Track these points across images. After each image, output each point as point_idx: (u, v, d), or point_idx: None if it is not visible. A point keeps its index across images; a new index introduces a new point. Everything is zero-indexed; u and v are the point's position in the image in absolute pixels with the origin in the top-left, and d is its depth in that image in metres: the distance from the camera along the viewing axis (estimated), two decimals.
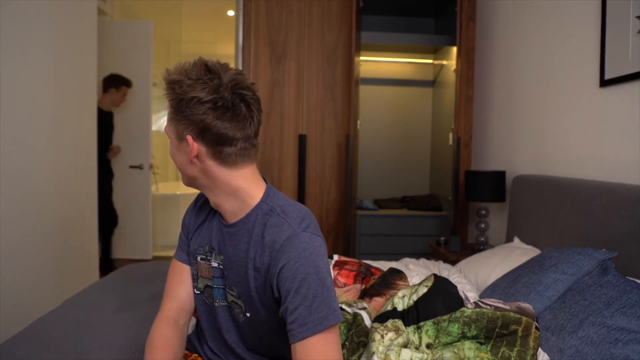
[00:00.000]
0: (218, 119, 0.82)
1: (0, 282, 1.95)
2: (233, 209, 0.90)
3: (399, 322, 1.14)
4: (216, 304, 0.98)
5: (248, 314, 0.93)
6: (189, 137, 0.84)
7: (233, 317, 0.97)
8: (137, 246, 3.98)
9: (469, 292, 1.69)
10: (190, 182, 0.92)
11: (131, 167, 3.94)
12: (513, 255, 1.84)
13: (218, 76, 0.82)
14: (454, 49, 2.88)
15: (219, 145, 0.85)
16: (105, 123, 3.59)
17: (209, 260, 0.98)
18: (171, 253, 4.58)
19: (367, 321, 1.23)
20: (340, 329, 1.20)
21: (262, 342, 0.97)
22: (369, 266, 1.69)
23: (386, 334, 1.09)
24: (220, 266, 0.96)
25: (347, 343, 1.14)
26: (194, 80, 0.81)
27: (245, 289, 0.91)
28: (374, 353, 1.05)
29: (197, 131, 0.83)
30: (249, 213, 0.90)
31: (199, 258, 1.00)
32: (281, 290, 0.82)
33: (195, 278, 1.02)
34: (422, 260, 2.20)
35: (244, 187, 0.89)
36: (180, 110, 0.83)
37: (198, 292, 1.01)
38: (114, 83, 3.67)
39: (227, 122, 0.83)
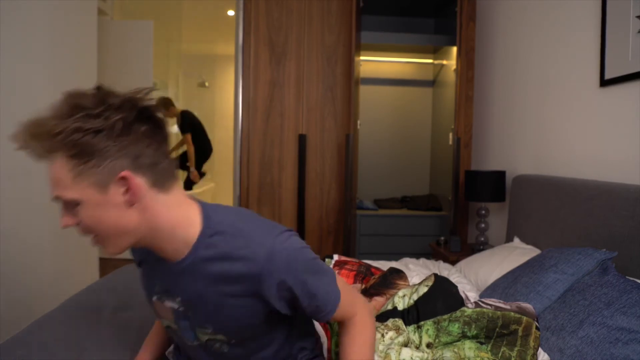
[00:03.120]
0: (137, 141, 0.69)
1: (0, 282, 1.94)
2: (177, 247, 0.76)
3: (399, 322, 1.14)
4: (188, 344, 0.88)
5: (234, 341, 0.85)
6: (126, 173, 0.69)
7: (214, 352, 0.87)
8: None
9: (469, 292, 1.69)
10: (128, 241, 0.74)
11: None
12: (513, 255, 1.84)
13: (108, 100, 0.68)
14: (454, 49, 2.88)
15: (155, 167, 0.72)
16: None
17: (165, 301, 0.85)
18: None
19: None
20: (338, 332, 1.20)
21: (253, 353, 0.90)
22: (369, 266, 1.69)
23: (386, 332, 1.09)
24: (181, 308, 0.83)
25: None
26: (93, 115, 0.66)
27: (224, 321, 0.81)
28: (374, 352, 1.05)
29: (131, 161, 0.69)
30: (196, 245, 0.76)
31: (154, 298, 0.87)
32: (284, 302, 0.79)
33: (157, 315, 0.91)
34: (422, 260, 2.20)
35: (183, 214, 0.76)
36: (92, 153, 0.66)
37: (166, 327, 0.91)
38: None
39: (146, 140, 0.70)
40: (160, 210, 0.73)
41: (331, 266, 1.66)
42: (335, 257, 1.74)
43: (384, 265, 2.00)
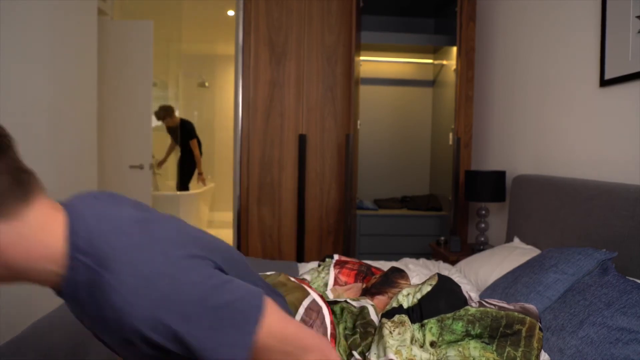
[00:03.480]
0: None
1: None
2: (46, 279, 0.63)
3: (404, 317, 1.16)
4: None
5: None
6: None
7: None
8: None
9: (470, 292, 1.69)
10: None
11: (131, 167, 3.94)
12: (513, 255, 1.84)
13: None
14: (454, 49, 2.88)
15: None
16: None
17: None
18: None
19: (373, 315, 1.25)
20: (346, 322, 1.24)
21: None
22: (370, 266, 1.69)
23: (394, 329, 1.11)
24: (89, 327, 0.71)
25: (358, 329, 1.18)
26: None
27: (132, 355, 0.66)
28: (386, 348, 1.07)
29: None
30: (67, 276, 0.61)
31: None
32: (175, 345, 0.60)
33: None
34: (422, 260, 2.20)
35: (43, 240, 0.60)
36: None
37: None
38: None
39: None
40: (11, 243, 0.57)
41: (332, 266, 1.66)
42: (336, 256, 1.74)
43: (384, 265, 2.00)
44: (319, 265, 1.75)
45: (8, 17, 1.98)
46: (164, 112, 4.75)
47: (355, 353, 1.14)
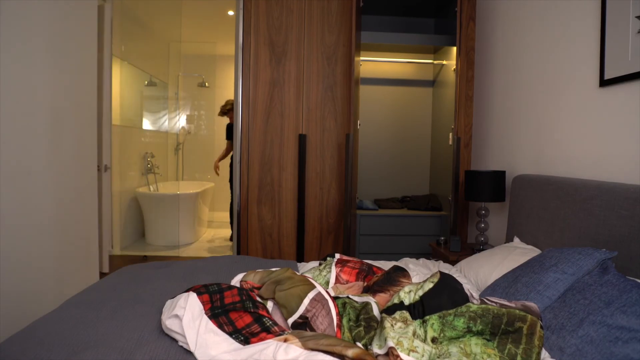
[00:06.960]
0: None
1: (0, 282, 1.95)
2: None
3: (406, 314, 1.16)
4: None
5: None
6: None
7: None
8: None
9: (471, 291, 1.70)
10: None
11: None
12: (513, 255, 1.84)
13: None
14: (454, 49, 2.88)
15: None
16: None
17: None
18: (171, 253, 4.52)
19: (376, 311, 1.26)
20: (349, 315, 1.26)
21: None
22: (371, 265, 1.70)
23: (395, 323, 1.12)
24: None
25: (361, 323, 1.20)
26: None
27: None
28: (386, 338, 1.07)
29: None
30: None
31: None
32: None
33: None
34: (422, 260, 2.20)
35: None
36: None
37: None
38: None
39: None
40: None
41: (333, 264, 1.67)
42: (337, 256, 1.75)
43: (385, 265, 2.00)
44: (320, 265, 1.76)
45: (8, 18, 1.98)
46: (230, 107, 4.63)
47: (359, 344, 1.15)
